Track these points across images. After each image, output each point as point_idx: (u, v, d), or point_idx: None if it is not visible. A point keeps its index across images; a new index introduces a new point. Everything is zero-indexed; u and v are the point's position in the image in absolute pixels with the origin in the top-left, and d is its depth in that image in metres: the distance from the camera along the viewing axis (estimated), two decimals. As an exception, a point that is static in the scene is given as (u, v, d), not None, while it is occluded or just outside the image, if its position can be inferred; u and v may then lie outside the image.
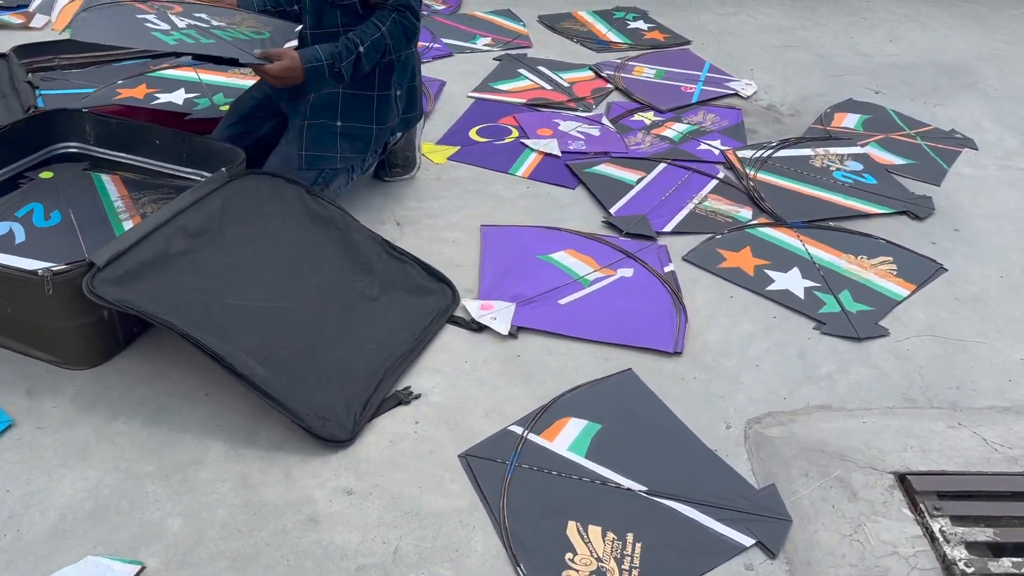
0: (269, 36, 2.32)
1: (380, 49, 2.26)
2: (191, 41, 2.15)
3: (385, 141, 2.53)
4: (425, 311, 2.12)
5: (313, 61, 2.18)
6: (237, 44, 2.20)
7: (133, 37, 2.15)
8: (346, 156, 2.38)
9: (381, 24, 2.25)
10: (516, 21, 4.03)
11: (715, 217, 2.61)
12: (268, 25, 2.37)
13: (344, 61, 2.20)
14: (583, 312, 2.17)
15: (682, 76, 3.53)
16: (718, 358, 2.06)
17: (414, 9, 2.30)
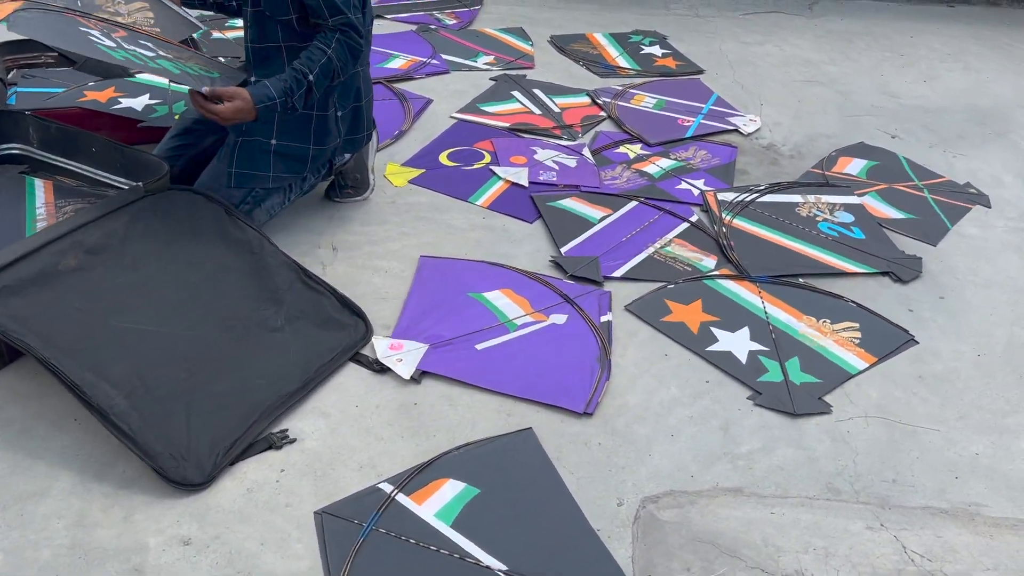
0: (218, 76, 2.23)
1: (329, 73, 2.18)
2: (139, 62, 2.06)
3: (327, 162, 2.43)
4: (329, 346, 2.01)
5: (266, 100, 2.09)
6: (184, 77, 2.11)
7: (77, 44, 2.06)
8: (279, 176, 2.29)
9: (326, 47, 2.16)
10: (525, 40, 3.90)
11: (674, 264, 2.44)
12: (217, 68, 2.29)
13: (296, 94, 2.13)
14: (499, 360, 2.03)
15: (683, 108, 3.35)
16: (631, 424, 1.89)
17: (356, 28, 2.20)
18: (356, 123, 2.42)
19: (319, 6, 2.15)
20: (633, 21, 4.24)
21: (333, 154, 2.40)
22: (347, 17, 2.18)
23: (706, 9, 4.50)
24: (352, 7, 2.20)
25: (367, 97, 2.43)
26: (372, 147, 2.59)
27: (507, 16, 4.18)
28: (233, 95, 2.07)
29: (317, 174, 2.44)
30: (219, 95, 2.06)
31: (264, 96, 2.09)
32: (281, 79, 2.13)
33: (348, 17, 2.18)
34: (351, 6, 2.20)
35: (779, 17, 4.46)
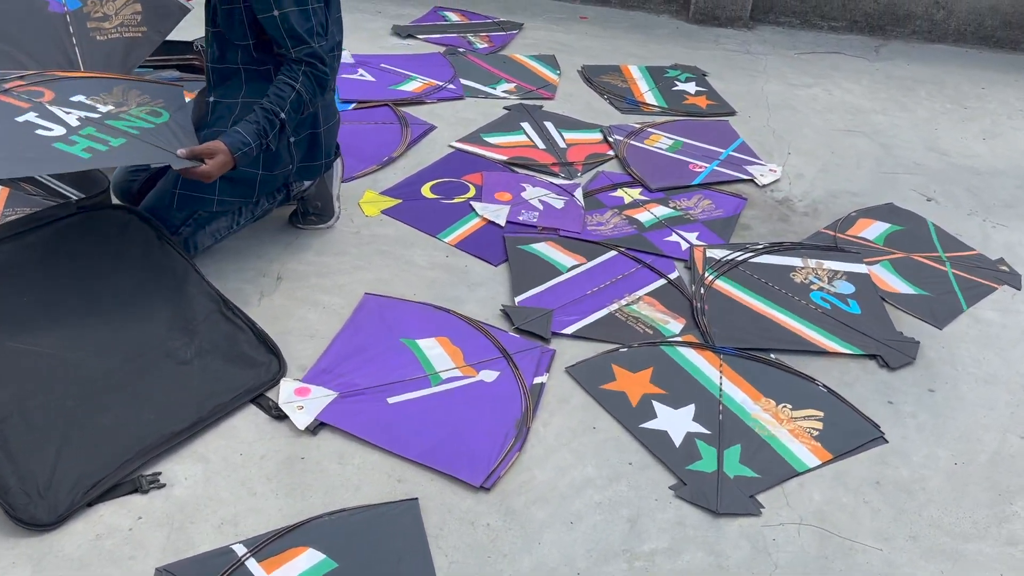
0: (168, 117, 2.11)
1: (299, 108, 2.12)
2: (104, 148, 1.88)
3: (282, 187, 2.35)
4: (233, 385, 1.92)
5: (242, 147, 2.02)
6: (147, 139, 1.97)
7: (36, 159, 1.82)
8: (224, 200, 2.23)
9: (294, 82, 2.09)
10: (553, 69, 3.76)
11: (635, 325, 2.25)
12: (157, 97, 2.18)
13: (270, 134, 2.07)
14: (408, 418, 1.89)
15: (700, 151, 3.14)
16: (531, 504, 1.73)
17: (322, 57, 2.12)
18: (313, 150, 2.33)
19: (282, 37, 2.08)
20: (678, 54, 4.04)
21: (287, 180, 2.32)
22: (311, 47, 2.10)
23: (760, 46, 4.25)
24: (316, 35, 2.12)
25: (327, 124, 2.34)
26: (335, 175, 2.50)
27: (544, 42, 4.05)
28: (211, 151, 1.99)
29: (272, 199, 2.36)
30: (198, 154, 1.98)
31: (240, 143, 2.02)
32: (253, 121, 2.05)
33: (312, 47, 2.10)
34: (315, 34, 2.11)
35: (839, 59, 4.18)
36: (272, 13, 2.05)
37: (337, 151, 2.48)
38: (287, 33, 2.07)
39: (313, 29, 2.11)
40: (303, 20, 2.08)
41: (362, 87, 3.38)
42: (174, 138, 2.03)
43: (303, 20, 2.08)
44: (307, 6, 2.10)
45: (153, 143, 1.97)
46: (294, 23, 2.06)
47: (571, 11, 4.50)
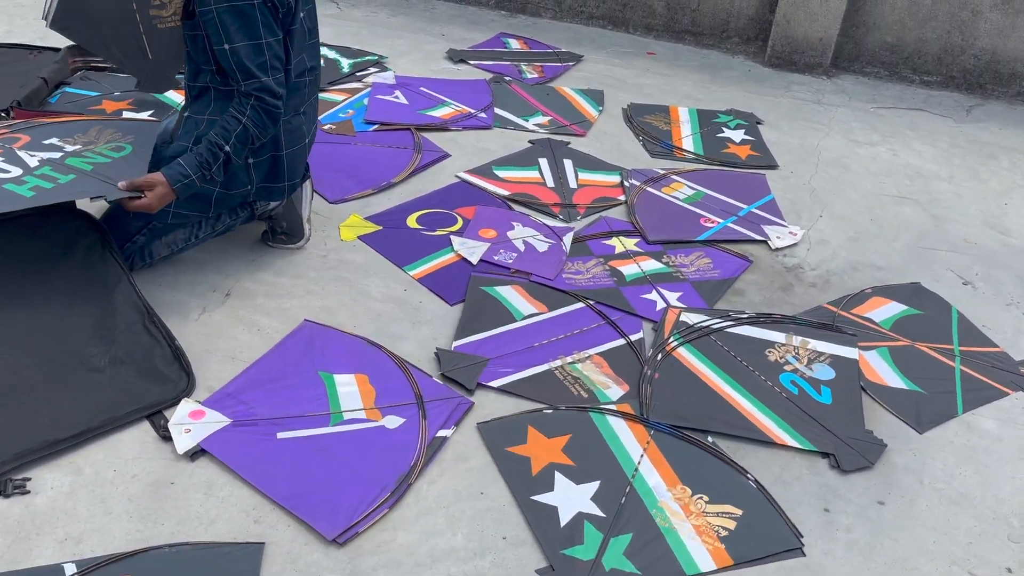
0: (131, 150, 2.18)
1: (246, 141, 2.13)
2: (49, 186, 1.99)
3: (245, 205, 2.36)
4: (135, 399, 1.93)
5: (182, 179, 2.06)
6: (99, 173, 2.06)
7: None
8: (180, 213, 2.25)
9: (241, 116, 2.11)
10: (596, 105, 3.64)
11: (572, 385, 2.12)
12: (128, 133, 2.25)
13: (213, 166, 2.09)
14: (289, 455, 1.85)
15: (718, 205, 2.95)
16: (379, 568, 1.64)
17: (271, 89, 2.13)
18: (274, 172, 2.33)
19: (232, 70, 2.10)
20: (739, 99, 3.83)
21: (246, 199, 2.33)
22: (260, 81, 2.11)
23: (834, 96, 3.98)
24: (270, 68, 2.12)
25: (291, 148, 2.33)
26: (304, 198, 2.49)
27: (600, 76, 3.94)
28: (150, 183, 2.04)
29: (234, 216, 2.38)
30: (138, 187, 2.03)
31: (179, 175, 2.06)
32: (196, 153, 2.09)
33: (261, 81, 2.10)
34: (268, 67, 2.12)
35: (920, 117, 3.85)
36: (223, 46, 2.07)
37: (306, 174, 2.47)
38: (237, 67, 2.08)
39: (266, 63, 2.11)
40: (254, 54, 2.09)
41: (391, 109, 3.38)
42: (126, 171, 2.08)
43: (254, 54, 2.09)
44: (260, 40, 2.10)
45: (100, 177, 2.01)
46: (243, 57, 2.07)
47: (641, 46, 4.36)
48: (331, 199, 2.79)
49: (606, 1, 4.48)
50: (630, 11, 4.47)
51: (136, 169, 2.11)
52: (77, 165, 2.05)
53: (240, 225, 2.44)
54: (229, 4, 2.04)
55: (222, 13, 2.05)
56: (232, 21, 2.05)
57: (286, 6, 2.18)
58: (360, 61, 3.81)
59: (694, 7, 4.36)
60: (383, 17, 4.43)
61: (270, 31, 2.12)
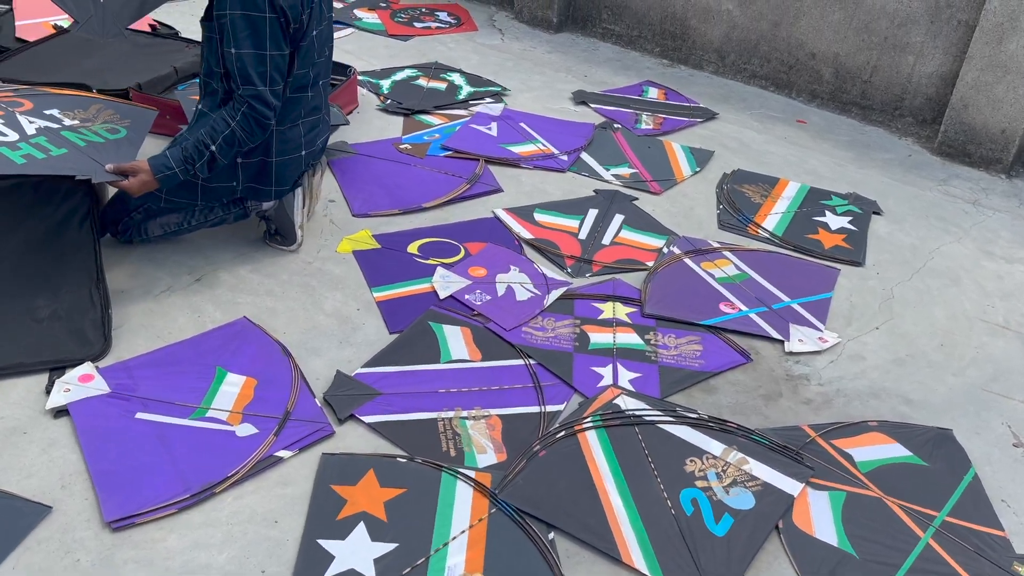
0: (125, 134, 2.35)
1: (232, 143, 2.27)
2: (41, 156, 2.16)
3: (237, 201, 2.49)
4: (51, 352, 2.11)
5: (164, 170, 2.23)
6: (91, 151, 2.24)
7: None
8: (171, 200, 2.42)
9: (231, 119, 2.24)
10: (695, 166, 3.39)
11: (446, 441, 2.00)
12: (124, 117, 2.43)
13: (197, 163, 2.24)
14: (133, 436, 1.93)
15: (756, 292, 2.62)
16: (130, 563, 1.66)
17: (265, 100, 2.25)
18: (262, 175, 2.44)
19: (233, 74, 2.23)
20: (876, 185, 3.38)
21: (233, 195, 2.45)
22: (255, 89, 2.23)
23: (999, 200, 3.38)
24: (269, 79, 2.24)
25: (283, 156, 2.43)
26: (296, 206, 2.57)
27: (725, 136, 3.67)
28: (135, 169, 2.22)
29: (226, 210, 2.51)
30: (123, 171, 2.22)
31: (163, 166, 2.23)
32: (183, 148, 2.24)
33: (257, 89, 2.23)
34: (267, 78, 2.24)
35: (1105, 239, 3.15)
36: (231, 50, 2.21)
37: (298, 182, 2.54)
38: (239, 71, 2.21)
39: (266, 74, 2.23)
40: (256, 63, 2.21)
41: (475, 138, 3.39)
42: (116, 154, 2.27)
43: (256, 63, 2.21)
44: (264, 52, 2.22)
45: (90, 155, 2.22)
46: (246, 63, 2.20)
47: (795, 112, 3.99)
48: (355, 212, 2.86)
49: (771, 61, 4.16)
50: (795, 74, 4.11)
51: (126, 154, 2.30)
52: (71, 139, 2.27)
53: (234, 221, 2.57)
54: (243, 12, 2.18)
55: (236, 19, 2.19)
56: (243, 28, 2.19)
57: (298, 23, 2.28)
58: (480, 90, 3.86)
59: (865, 77, 3.90)
60: (538, 53, 4.45)
61: (276, 45, 2.24)
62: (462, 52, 4.36)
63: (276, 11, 2.22)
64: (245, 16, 2.18)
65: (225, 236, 2.64)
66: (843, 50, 3.92)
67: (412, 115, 3.59)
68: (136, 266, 2.46)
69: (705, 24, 4.29)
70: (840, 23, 3.88)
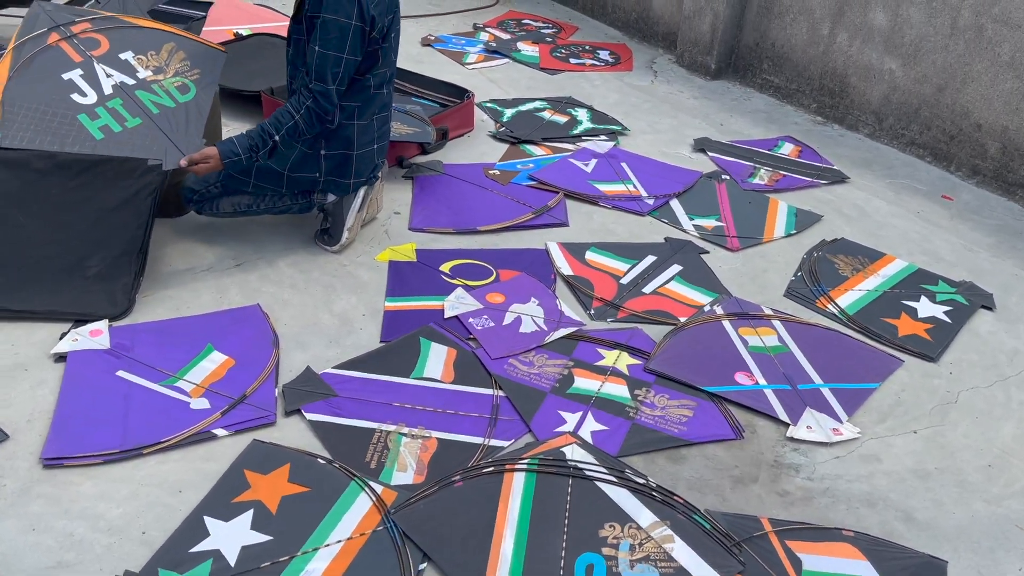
0: (194, 95, 2.56)
1: (295, 135, 2.47)
2: (118, 129, 2.40)
3: (305, 193, 2.65)
4: (81, 305, 2.37)
5: (231, 156, 2.44)
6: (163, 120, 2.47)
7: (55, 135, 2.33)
8: (258, 184, 2.61)
9: (295, 112, 2.44)
10: (791, 227, 3.14)
11: (373, 451, 2.02)
12: (196, 65, 2.60)
13: (261, 151, 2.46)
14: (105, 390, 2.12)
15: (789, 369, 2.37)
16: (39, 498, 1.83)
17: (330, 97, 2.43)
18: (343, 168, 2.61)
19: (311, 68, 2.42)
20: (1013, 281, 2.95)
21: (314, 186, 2.62)
22: (325, 87, 2.42)
23: None
24: (339, 79, 2.43)
25: (363, 149, 2.60)
26: (354, 207, 2.69)
27: (847, 203, 3.36)
28: (205, 157, 2.43)
29: (293, 199, 2.68)
30: (195, 160, 2.43)
31: (230, 152, 2.44)
32: (249, 136, 2.45)
33: (327, 87, 2.42)
34: (338, 79, 2.42)
35: None
36: (314, 46, 2.40)
37: (371, 176, 2.69)
38: (316, 67, 2.40)
39: (338, 74, 2.42)
40: (333, 64, 2.40)
41: (565, 172, 3.37)
42: (184, 123, 2.52)
43: (333, 64, 2.40)
44: (342, 55, 2.41)
45: (164, 129, 2.47)
46: (325, 62, 2.39)
47: (944, 187, 3.57)
48: (411, 226, 2.94)
49: (931, 128, 3.75)
50: (957, 145, 3.68)
51: (195, 123, 2.52)
52: (145, 102, 2.49)
53: (297, 212, 2.74)
54: (335, 17, 2.37)
55: (328, 22, 2.38)
56: (332, 30, 2.38)
57: (380, 30, 2.46)
58: (599, 127, 3.83)
59: (1036, 157, 3.41)
60: (683, 98, 4.34)
61: (354, 51, 2.42)
62: (603, 90, 4.34)
63: (364, 20, 2.39)
64: (335, 21, 2.37)
65: (285, 229, 2.82)
66: (1014, 124, 3.46)
67: (518, 144, 3.62)
68: (190, 244, 2.70)
69: (865, 83, 3.96)
70: (1012, 93, 3.43)
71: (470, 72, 4.47)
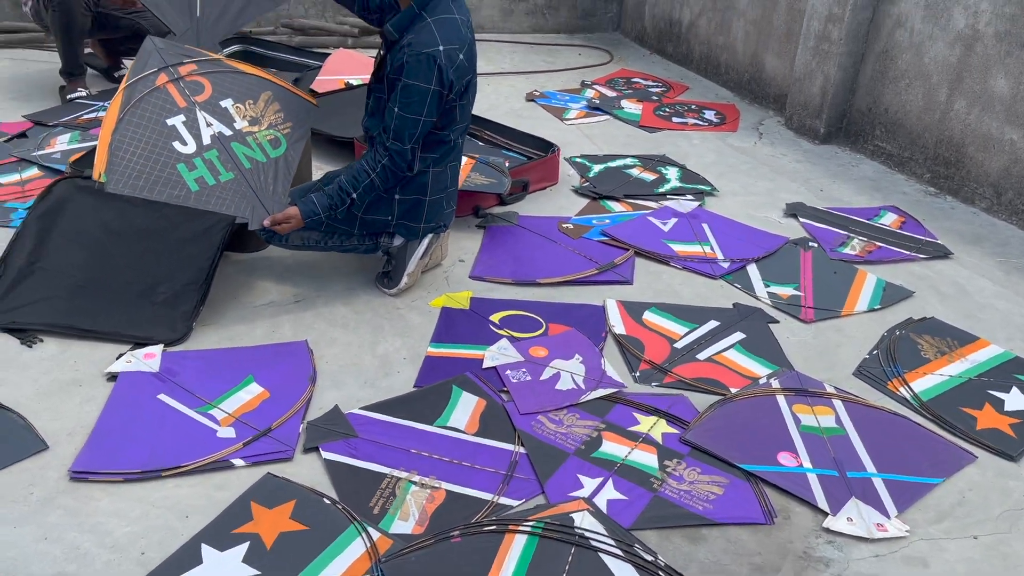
0: (284, 150, 2.64)
1: (371, 191, 2.58)
2: (212, 182, 2.48)
3: (372, 233, 2.72)
4: (144, 329, 2.51)
5: (311, 215, 2.55)
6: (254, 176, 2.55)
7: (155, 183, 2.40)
8: (332, 225, 2.67)
9: (371, 171, 2.54)
10: (877, 302, 2.94)
11: (379, 497, 2.00)
12: (287, 118, 2.68)
13: (340, 208, 2.57)
14: (146, 410, 2.20)
15: (838, 453, 2.20)
16: (57, 509, 1.92)
17: (406, 156, 2.53)
18: (415, 212, 2.68)
19: (388, 126, 2.51)
20: None
21: (385, 228, 2.70)
22: (402, 147, 2.51)
23: None
24: (415, 139, 2.51)
25: (436, 195, 2.67)
26: (417, 252, 2.74)
27: (947, 280, 3.13)
28: (287, 217, 2.55)
29: (361, 240, 2.75)
30: (278, 220, 2.55)
31: (311, 212, 2.55)
32: (328, 195, 2.55)
33: (403, 147, 2.51)
34: (414, 139, 2.51)
35: None
36: (394, 107, 2.48)
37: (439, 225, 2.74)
38: (394, 127, 2.49)
39: (415, 135, 2.51)
40: (411, 126, 2.48)
41: (641, 230, 3.31)
42: (273, 180, 2.59)
43: (411, 126, 2.48)
44: (420, 117, 2.49)
45: (253, 186, 2.55)
46: (404, 124, 2.47)
47: (1065, 270, 3.26)
48: (472, 274, 2.95)
49: (1055, 205, 3.45)
50: (1083, 225, 3.36)
51: (282, 180, 2.61)
52: (239, 155, 2.58)
53: (363, 252, 2.80)
54: (415, 83, 2.45)
55: (409, 86, 2.46)
56: (413, 94, 2.46)
57: (458, 92, 2.54)
58: (687, 187, 3.75)
59: None
60: (785, 161, 4.19)
61: (431, 113, 2.50)
62: (701, 150, 4.26)
63: (443, 85, 2.46)
64: (415, 86, 2.44)
65: (348, 270, 2.90)
66: None
67: (599, 199, 3.59)
68: (256, 279, 2.81)
69: (984, 153, 3.70)
70: None
71: (567, 127, 4.49)
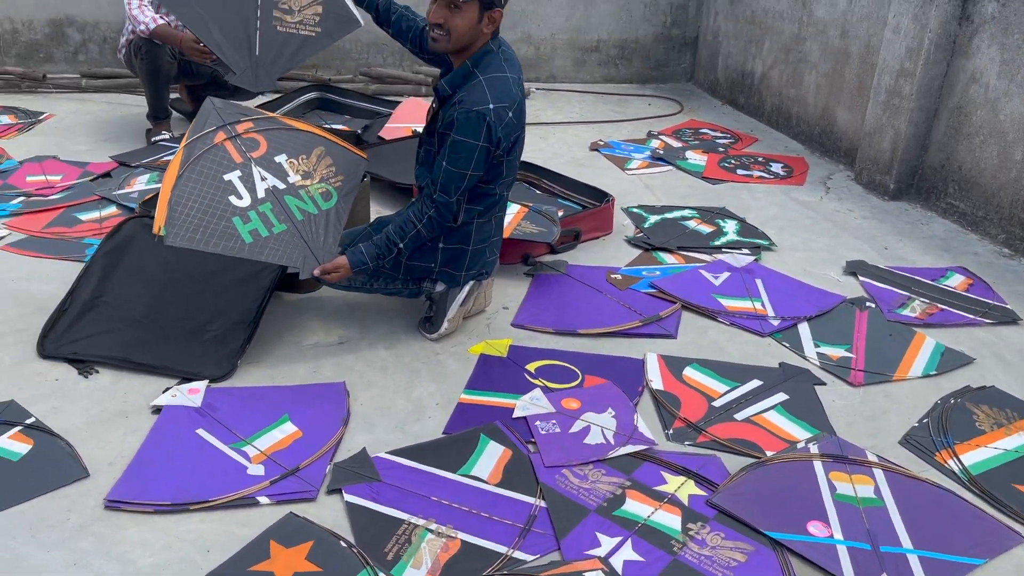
0: (335, 202, 2.70)
1: (417, 242, 2.66)
2: (265, 234, 2.52)
3: (416, 278, 2.79)
4: (191, 364, 2.61)
5: (360, 266, 2.62)
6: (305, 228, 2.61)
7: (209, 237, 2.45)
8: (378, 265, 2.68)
9: (417, 222, 2.61)
10: (933, 366, 2.82)
11: (395, 543, 2.02)
12: (339, 172, 2.74)
13: (387, 259, 2.65)
14: (183, 443, 2.28)
15: (873, 526, 2.11)
16: (84, 535, 2.00)
17: (451, 209, 2.59)
18: (457, 260, 2.74)
19: (435, 179, 2.58)
20: None
21: (428, 274, 2.77)
22: (448, 199, 2.58)
23: None
24: (460, 192, 2.58)
25: (479, 245, 2.73)
26: (458, 299, 2.78)
27: (1010, 347, 2.99)
28: (336, 267, 2.62)
29: (404, 285, 2.82)
30: (327, 270, 2.62)
31: (359, 262, 2.62)
32: (376, 245, 2.62)
33: (449, 200, 2.58)
34: (461, 192, 2.58)
35: None
36: (443, 161, 2.56)
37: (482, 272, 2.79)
38: (441, 180, 2.56)
39: (461, 188, 2.57)
40: (457, 179, 2.55)
41: (691, 284, 3.27)
42: (324, 231, 2.66)
43: (457, 179, 2.55)
44: (467, 172, 2.55)
45: (304, 237, 2.62)
46: (451, 178, 2.54)
47: None
48: (514, 322, 2.97)
49: None
50: None
51: (333, 232, 2.68)
52: (291, 208, 2.66)
53: (407, 296, 2.87)
54: (464, 138, 2.52)
55: (458, 142, 2.53)
56: (462, 150, 2.53)
57: (505, 148, 2.60)
58: (744, 240, 3.70)
59: None
60: (851, 217, 4.10)
61: (478, 167, 2.56)
62: (763, 203, 4.21)
63: (491, 142, 2.53)
64: (465, 143, 2.51)
65: (392, 314, 2.96)
66: None
67: (651, 250, 3.57)
68: (304, 320, 2.89)
69: (1061, 215, 3.54)
70: None
71: (628, 177, 4.50)
